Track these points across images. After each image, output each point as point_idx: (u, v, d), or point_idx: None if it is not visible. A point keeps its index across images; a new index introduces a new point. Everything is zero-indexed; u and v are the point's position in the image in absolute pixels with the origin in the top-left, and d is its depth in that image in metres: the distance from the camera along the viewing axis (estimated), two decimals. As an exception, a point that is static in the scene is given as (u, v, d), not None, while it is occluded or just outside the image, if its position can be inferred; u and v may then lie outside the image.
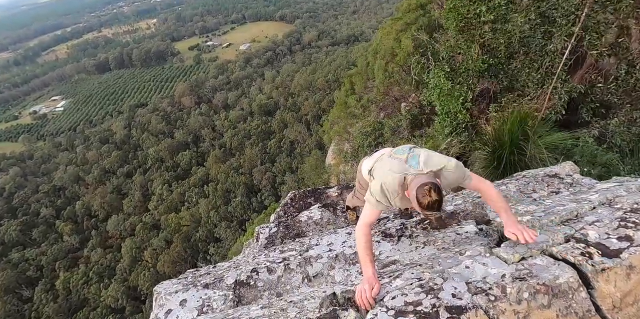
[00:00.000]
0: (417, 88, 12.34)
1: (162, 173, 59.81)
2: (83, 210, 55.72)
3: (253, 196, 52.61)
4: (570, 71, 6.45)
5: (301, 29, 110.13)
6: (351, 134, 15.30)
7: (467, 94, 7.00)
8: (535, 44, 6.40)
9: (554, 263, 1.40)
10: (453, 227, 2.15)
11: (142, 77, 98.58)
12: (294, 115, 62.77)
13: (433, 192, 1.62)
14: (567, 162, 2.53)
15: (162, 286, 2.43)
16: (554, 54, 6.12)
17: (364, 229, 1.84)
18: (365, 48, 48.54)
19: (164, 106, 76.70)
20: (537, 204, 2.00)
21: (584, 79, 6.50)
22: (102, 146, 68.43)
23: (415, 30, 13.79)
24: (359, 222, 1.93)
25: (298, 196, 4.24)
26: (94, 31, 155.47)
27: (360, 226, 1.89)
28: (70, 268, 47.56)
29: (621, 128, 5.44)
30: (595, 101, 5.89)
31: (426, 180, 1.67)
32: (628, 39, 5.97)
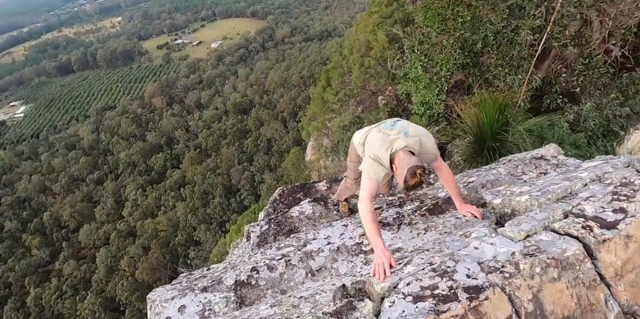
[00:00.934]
0: (393, 81, 12.52)
1: (135, 178, 57.68)
2: (51, 221, 52.91)
3: (232, 196, 51.81)
4: (538, 62, 6.76)
5: (273, 25, 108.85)
6: (330, 129, 15.31)
7: (443, 85, 7.19)
8: (505, 38, 6.67)
9: (559, 237, 1.45)
10: (450, 211, 2.18)
11: (109, 78, 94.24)
12: (270, 112, 62.17)
13: (420, 175, 1.77)
14: (551, 144, 2.63)
15: (155, 293, 2.32)
16: (522, 46, 6.40)
17: (367, 204, 1.91)
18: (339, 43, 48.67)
19: (133, 107, 73.79)
20: (530, 184, 2.05)
21: (551, 68, 6.84)
22: (69, 152, 65.04)
23: (390, 24, 13.96)
24: (360, 197, 2.00)
25: (286, 192, 4.18)
26: (54, 31, 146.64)
27: (362, 201, 1.95)
28: (41, 282, 45.14)
29: (593, 113, 5.76)
30: (558, 91, 6.22)
31: (415, 163, 1.81)
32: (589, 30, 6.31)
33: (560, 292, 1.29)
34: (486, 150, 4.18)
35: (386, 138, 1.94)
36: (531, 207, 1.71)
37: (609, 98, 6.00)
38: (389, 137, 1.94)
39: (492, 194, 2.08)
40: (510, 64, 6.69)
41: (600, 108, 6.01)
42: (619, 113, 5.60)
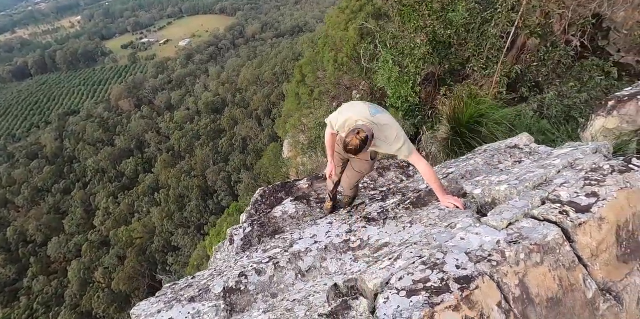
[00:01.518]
0: (366, 75, 12.64)
1: (105, 185, 55.29)
2: (16, 236, 49.88)
3: (209, 198, 50.80)
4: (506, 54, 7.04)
5: (243, 21, 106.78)
6: (305, 125, 15.29)
7: (416, 77, 7.34)
8: (476, 30, 6.88)
9: (539, 223, 1.51)
10: (433, 203, 2.22)
11: (70, 81, 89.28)
12: (244, 111, 61.23)
13: (359, 137, 1.88)
14: (523, 133, 2.74)
15: (140, 308, 2.22)
16: (494, 38, 6.62)
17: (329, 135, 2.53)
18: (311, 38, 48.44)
19: (99, 111, 70.47)
20: (507, 173, 2.13)
21: (519, 59, 7.14)
22: (31, 161, 61.30)
23: (362, 19, 14.03)
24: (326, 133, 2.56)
25: (268, 192, 4.12)
26: (7, 32, 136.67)
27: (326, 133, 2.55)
28: (9, 302, 42.61)
29: (555, 101, 6.07)
30: (530, 80, 6.50)
31: (362, 128, 1.92)
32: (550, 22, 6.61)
33: (543, 275, 1.35)
34: (462, 141, 4.30)
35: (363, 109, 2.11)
36: (511, 196, 1.77)
37: (568, 86, 6.35)
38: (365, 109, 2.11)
39: (472, 184, 2.14)
40: (481, 56, 6.93)
41: (562, 96, 6.35)
42: (577, 100, 5.94)
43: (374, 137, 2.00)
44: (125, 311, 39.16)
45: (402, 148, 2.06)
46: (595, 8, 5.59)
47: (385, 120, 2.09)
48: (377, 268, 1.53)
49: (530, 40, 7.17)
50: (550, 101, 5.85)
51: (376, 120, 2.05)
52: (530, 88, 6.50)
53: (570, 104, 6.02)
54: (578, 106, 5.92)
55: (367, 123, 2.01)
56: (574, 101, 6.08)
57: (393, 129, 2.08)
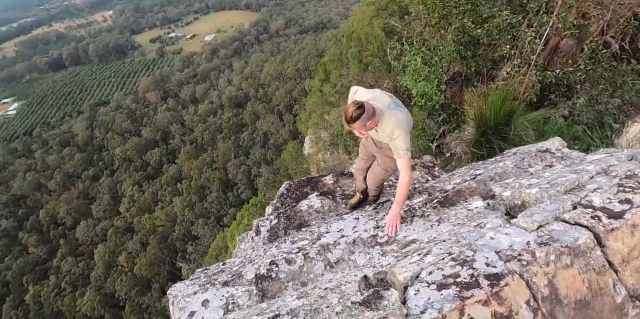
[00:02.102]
0: (390, 73, 12.55)
1: (131, 173, 57.41)
2: (48, 218, 52.69)
3: (229, 190, 51.82)
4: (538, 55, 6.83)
5: (267, 17, 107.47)
6: (328, 122, 15.34)
7: (442, 76, 7.25)
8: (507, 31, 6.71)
9: (570, 227, 1.54)
10: (461, 203, 2.26)
11: (101, 73, 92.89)
12: (265, 106, 61.83)
13: (356, 107, 1.98)
14: (555, 137, 2.72)
15: (176, 289, 2.39)
16: (527, 40, 6.43)
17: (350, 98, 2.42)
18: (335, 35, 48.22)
19: (127, 102, 73.02)
20: (537, 177, 2.14)
21: (553, 61, 6.91)
22: (63, 148, 64.43)
23: (388, 16, 13.90)
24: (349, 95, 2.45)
25: (293, 186, 4.24)
26: (44, 26, 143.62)
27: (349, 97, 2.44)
28: (39, 280, 45.13)
29: (586, 107, 5.87)
30: (564, 84, 6.28)
31: (365, 104, 2.03)
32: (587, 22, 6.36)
33: (573, 277, 1.39)
34: (488, 142, 4.26)
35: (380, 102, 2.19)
36: (541, 199, 1.80)
37: (599, 89, 6.09)
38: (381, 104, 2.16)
39: (501, 186, 2.16)
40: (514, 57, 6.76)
41: (593, 101, 6.11)
42: (609, 105, 5.72)
43: (374, 120, 2.06)
44: (146, 294, 40.81)
45: (398, 147, 2.11)
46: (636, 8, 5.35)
47: (398, 117, 2.12)
48: (406, 262, 1.60)
49: (564, 42, 6.93)
50: (581, 107, 5.66)
51: (389, 112, 2.11)
52: (561, 93, 6.29)
53: (602, 109, 5.80)
54: (611, 111, 5.70)
55: (377, 107, 2.10)
56: (607, 106, 5.86)
57: (399, 128, 2.10)
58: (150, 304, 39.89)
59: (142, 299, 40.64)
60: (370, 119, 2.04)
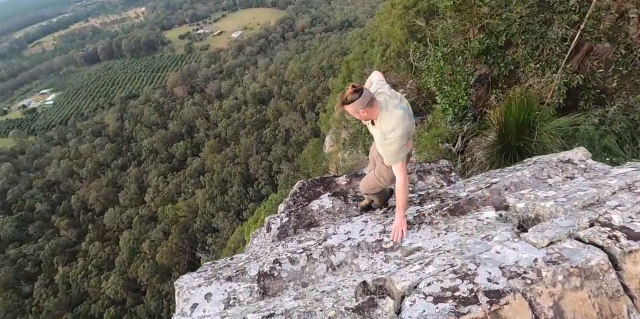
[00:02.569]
0: (414, 74, 12.30)
1: (157, 164, 59.48)
2: (78, 204, 55.50)
3: (249, 185, 52.69)
4: (569, 58, 6.47)
5: (294, 15, 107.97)
6: (349, 121, 15.26)
7: (469, 78, 7.00)
8: (533, 31, 6.39)
9: (583, 246, 1.45)
10: (472, 213, 2.19)
11: (132, 67, 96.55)
12: (288, 103, 62.29)
13: (354, 91, 1.98)
14: (579, 147, 2.57)
15: (182, 280, 2.45)
16: (554, 41, 6.10)
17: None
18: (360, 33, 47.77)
19: (156, 96, 75.54)
20: (555, 189, 2.03)
21: (584, 65, 6.53)
22: (95, 138, 67.62)
23: (413, 15, 13.60)
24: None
25: (306, 185, 4.25)
26: (81, 21, 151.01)
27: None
28: (68, 261, 47.70)
29: (619, 115, 5.50)
30: (595, 88, 5.92)
31: (367, 91, 2.01)
32: (626, 23, 5.96)
33: (582, 301, 1.31)
34: (511, 149, 4.10)
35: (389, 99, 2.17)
36: (556, 214, 1.71)
37: (637, 98, 5.70)
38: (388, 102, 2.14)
39: (516, 197, 2.07)
40: (540, 59, 6.44)
41: (628, 110, 5.72)
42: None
43: (371, 112, 2.04)
44: (166, 282, 42.31)
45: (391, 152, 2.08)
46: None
47: (399, 117, 2.06)
48: (407, 270, 1.56)
49: (600, 44, 6.54)
50: (613, 115, 5.32)
51: (392, 110, 2.07)
52: (592, 99, 5.93)
53: (637, 119, 5.44)
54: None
55: (382, 102, 2.08)
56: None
57: (397, 130, 2.04)
58: (170, 291, 41.31)
59: (162, 286, 42.15)
60: (364, 107, 1.99)
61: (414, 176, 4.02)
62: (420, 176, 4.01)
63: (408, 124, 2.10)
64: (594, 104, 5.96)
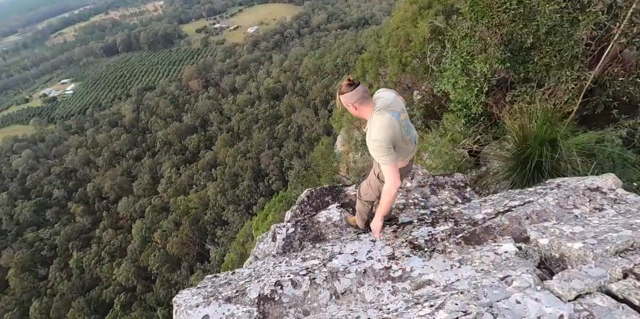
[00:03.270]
0: (430, 76, 12.03)
1: (171, 156, 60.43)
2: (94, 192, 56.94)
3: (260, 180, 53.05)
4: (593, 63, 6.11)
5: (310, 11, 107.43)
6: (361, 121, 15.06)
7: (483, 85, 6.73)
8: (561, 33, 6.05)
9: (616, 305, 1.29)
10: (489, 243, 2.04)
11: (150, 59, 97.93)
12: (302, 99, 62.21)
13: (349, 83, 2.05)
14: (609, 174, 2.38)
15: (181, 297, 2.39)
16: (578, 44, 5.77)
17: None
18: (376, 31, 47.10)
19: (171, 89, 76.50)
20: (582, 223, 1.87)
21: (607, 71, 6.16)
22: (112, 128, 69.08)
23: (432, 15, 13.26)
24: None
25: (315, 194, 4.14)
26: (101, 13, 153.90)
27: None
28: (82, 247, 49.12)
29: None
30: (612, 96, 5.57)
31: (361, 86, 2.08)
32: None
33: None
34: (530, 163, 3.89)
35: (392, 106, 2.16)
36: (585, 258, 1.55)
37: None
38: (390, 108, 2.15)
39: (538, 230, 1.91)
40: (560, 63, 6.11)
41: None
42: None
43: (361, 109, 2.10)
44: (175, 271, 43.17)
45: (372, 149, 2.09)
46: None
47: (387, 121, 2.07)
48: (415, 313, 1.44)
49: (628, 49, 6.16)
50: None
51: (384, 113, 2.08)
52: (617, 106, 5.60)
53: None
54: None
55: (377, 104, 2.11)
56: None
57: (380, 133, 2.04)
58: (179, 281, 42.16)
59: (172, 276, 43.04)
60: (354, 102, 2.07)
61: (427, 189, 3.86)
62: (433, 190, 3.84)
63: (396, 130, 2.09)
64: (623, 116, 5.63)
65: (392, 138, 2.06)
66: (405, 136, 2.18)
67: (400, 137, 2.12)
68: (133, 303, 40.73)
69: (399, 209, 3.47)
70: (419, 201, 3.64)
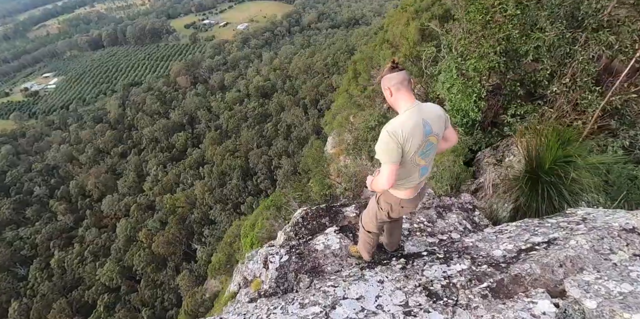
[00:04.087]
0: (423, 79, 11.86)
1: (157, 154, 59.19)
2: (77, 189, 55.34)
3: (249, 178, 52.46)
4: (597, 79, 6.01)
5: (301, 9, 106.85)
6: (353, 124, 14.81)
7: (480, 91, 6.56)
8: (561, 50, 5.96)
9: None
10: (521, 298, 1.77)
11: (136, 55, 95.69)
12: (291, 98, 61.74)
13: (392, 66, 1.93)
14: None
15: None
16: (584, 62, 5.65)
17: None
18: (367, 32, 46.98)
19: (158, 85, 74.91)
20: (631, 281, 1.61)
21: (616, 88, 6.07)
22: (96, 124, 67.22)
23: (427, 19, 13.07)
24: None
25: (310, 215, 3.82)
26: (86, 6, 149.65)
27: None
28: (64, 246, 47.71)
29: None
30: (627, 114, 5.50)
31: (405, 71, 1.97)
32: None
33: None
34: (540, 183, 3.68)
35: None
36: None
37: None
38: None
39: (580, 287, 1.65)
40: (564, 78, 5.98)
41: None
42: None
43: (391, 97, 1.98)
44: (161, 271, 42.29)
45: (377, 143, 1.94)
46: None
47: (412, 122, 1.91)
48: None
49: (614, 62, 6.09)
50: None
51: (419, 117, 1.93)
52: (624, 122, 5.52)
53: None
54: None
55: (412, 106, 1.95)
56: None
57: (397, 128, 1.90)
58: (164, 281, 41.35)
59: (157, 276, 42.19)
60: (392, 84, 1.93)
61: (432, 211, 3.57)
62: (439, 212, 3.55)
63: (414, 141, 1.92)
64: (624, 128, 5.55)
65: (404, 143, 1.89)
66: (419, 157, 1.98)
67: (413, 152, 1.94)
68: (117, 304, 39.79)
69: (404, 235, 3.19)
70: (425, 226, 3.34)
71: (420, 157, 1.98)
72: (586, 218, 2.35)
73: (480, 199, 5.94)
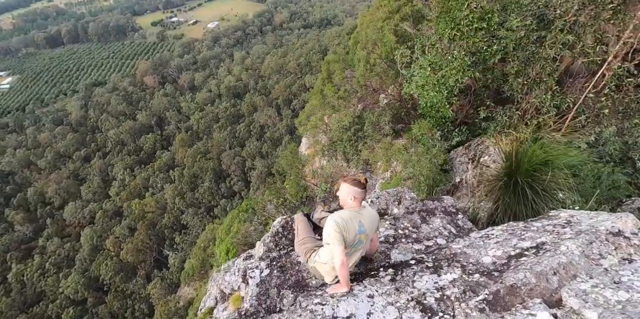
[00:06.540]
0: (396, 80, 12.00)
1: (124, 157, 56.56)
2: (36, 197, 51.82)
3: (221, 181, 51.26)
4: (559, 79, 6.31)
5: (272, 8, 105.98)
6: (327, 125, 14.75)
7: (452, 88, 6.72)
8: (527, 50, 6.22)
9: None
10: (518, 309, 1.71)
11: (99, 53, 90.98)
12: (264, 98, 61.01)
13: (365, 183, 2.57)
14: (627, 215, 2.17)
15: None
16: (546, 60, 5.94)
17: None
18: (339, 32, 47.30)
19: (124, 85, 71.58)
20: (625, 287, 1.59)
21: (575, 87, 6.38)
22: (56, 127, 63.21)
23: (399, 20, 13.22)
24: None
25: (291, 224, 3.65)
26: (44, 0, 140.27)
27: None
28: (23, 259, 44.59)
29: (615, 137, 5.43)
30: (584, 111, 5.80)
31: (364, 177, 2.64)
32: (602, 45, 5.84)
33: None
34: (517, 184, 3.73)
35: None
36: None
37: (632, 123, 5.69)
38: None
39: (578, 296, 1.61)
40: (527, 77, 6.24)
41: (626, 132, 5.69)
42: (639, 139, 5.31)
43: (346, 203, 2.57)
44: (131, 280, 40.34)
45: (328, 228, 2.42)
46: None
47: (350, 220, 2.47)
48: None
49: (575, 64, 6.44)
50: (608, 136, 5.20)
51: (355, 219, 2.48)
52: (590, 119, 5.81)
53: (631, 142, 5.39)
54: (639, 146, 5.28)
55: (363, 210, 2.58)
56: (636, 139, 5.43)
57: (341, 219, 2.44)
58: (135, 290, 39.52)
59: (127, 286, 40.28)
60: (357, 195, 2.53)
61: (416, 216, 3.50)
62: (423, 217, 3.49)
63: (350, 234, 2.42)
64: (590, 124, 5.85)
65: (346, 233, 2.38)
66: (353, 247, 2.47)
67: (350, 240, 2.42)
68: (83, 317, 37.64)
69: (389, 243, 3.08)
70: (409, 232, 3.25)
71: (353, 246, 2.48)
72: (570, 221, 2.35)
73: (458, 199, 6.03)
